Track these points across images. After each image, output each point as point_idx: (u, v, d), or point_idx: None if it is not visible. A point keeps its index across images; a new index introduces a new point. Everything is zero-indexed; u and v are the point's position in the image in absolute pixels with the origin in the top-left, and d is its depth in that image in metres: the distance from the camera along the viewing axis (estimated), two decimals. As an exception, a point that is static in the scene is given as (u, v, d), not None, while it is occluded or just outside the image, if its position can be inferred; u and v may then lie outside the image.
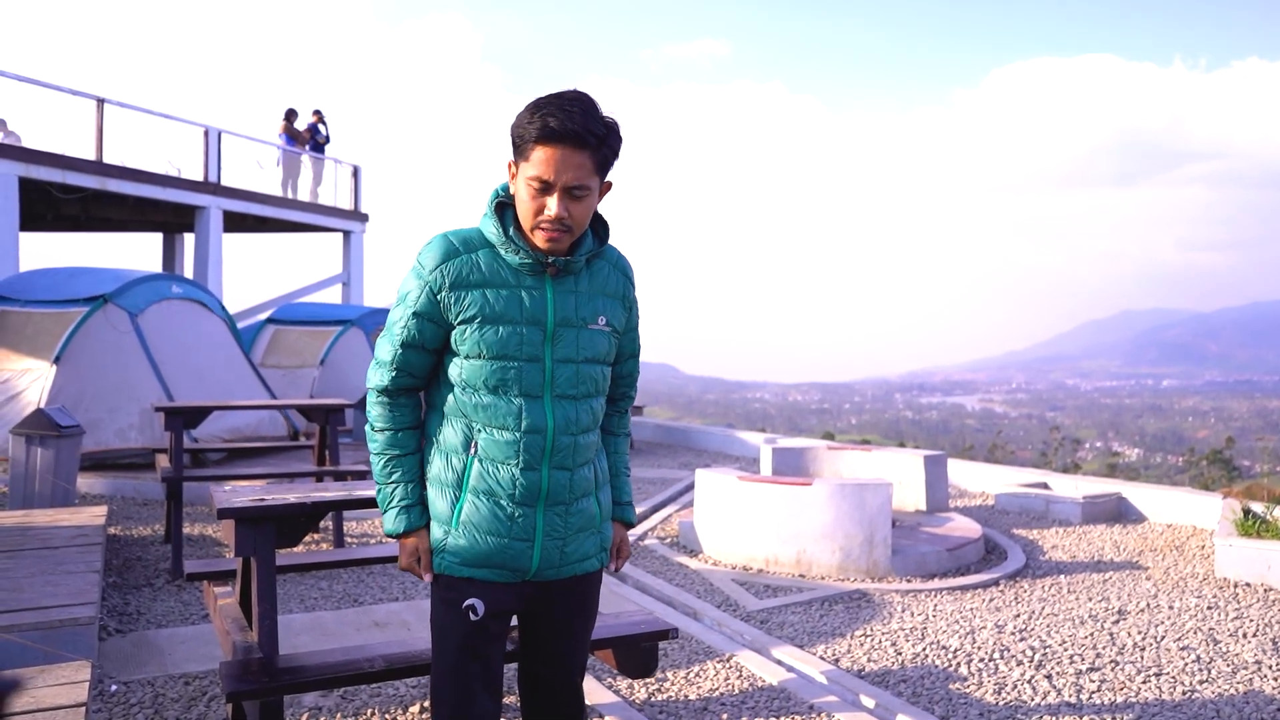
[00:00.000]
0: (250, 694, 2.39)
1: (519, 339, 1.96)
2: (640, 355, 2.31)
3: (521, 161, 1.92)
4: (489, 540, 2.01)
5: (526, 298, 1.98)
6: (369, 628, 4.63)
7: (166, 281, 9.83)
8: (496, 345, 1.96)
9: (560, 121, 1.85)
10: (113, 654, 4.13)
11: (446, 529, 2.03)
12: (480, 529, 2.01)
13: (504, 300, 1.96)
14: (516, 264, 1.98)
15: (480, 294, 1.96)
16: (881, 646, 4.41)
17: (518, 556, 2.02)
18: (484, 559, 2.02)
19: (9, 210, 12.15)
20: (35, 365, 8.61)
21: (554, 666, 2.17)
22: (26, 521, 5.51)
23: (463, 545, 2.01)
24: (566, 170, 1.86)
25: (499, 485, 2.00)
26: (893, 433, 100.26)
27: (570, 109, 1.86)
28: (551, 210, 1.89)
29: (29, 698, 2.69)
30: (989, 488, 8.70)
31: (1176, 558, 6.27)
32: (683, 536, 6.50)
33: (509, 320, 1.96)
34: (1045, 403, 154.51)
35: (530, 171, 1.89)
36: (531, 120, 1.88)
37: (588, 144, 1.87)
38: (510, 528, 2.01)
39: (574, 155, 1.86)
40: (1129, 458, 75.03)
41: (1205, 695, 3.85)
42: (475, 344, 1.96)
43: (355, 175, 19.21)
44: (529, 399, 1.99)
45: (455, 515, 2.02)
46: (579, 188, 1.89)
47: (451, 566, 2.03)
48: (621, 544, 2.30)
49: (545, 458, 2.00)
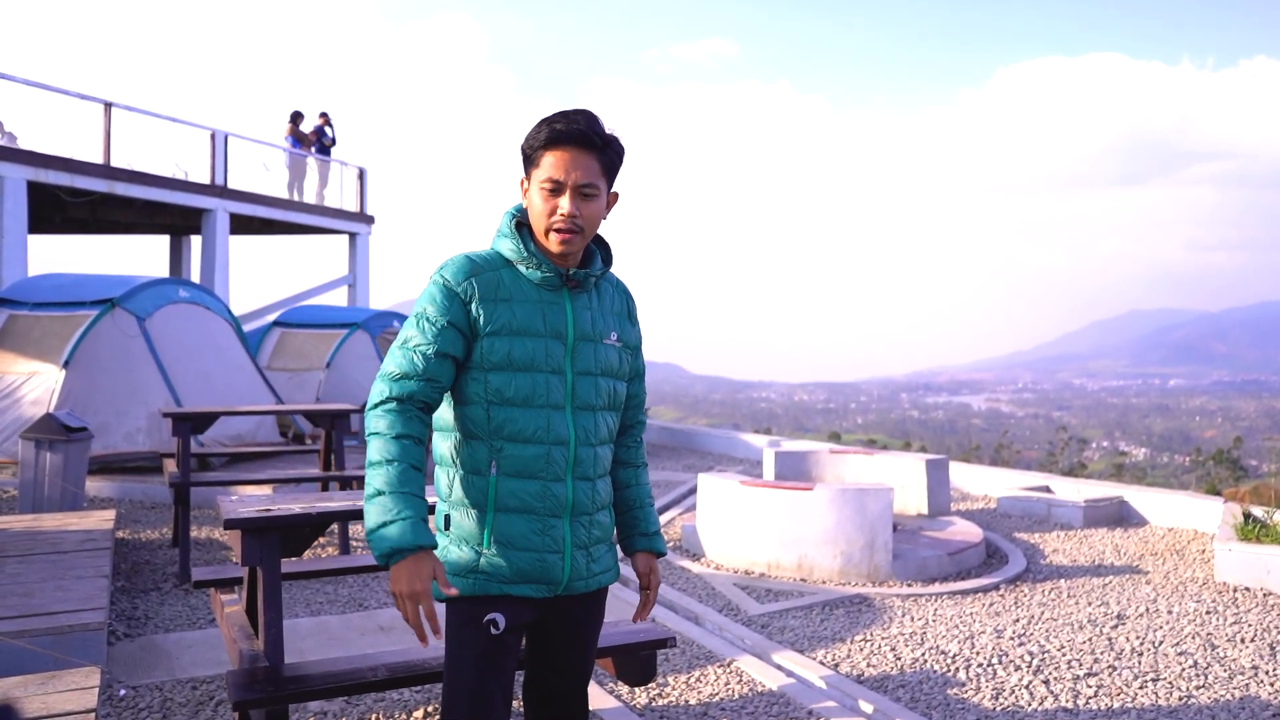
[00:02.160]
0: (256, 703, 2.44)
1: (545, 351, 2.04)
2: (643, 375, 2.36)
3: (533, 170, 2.04)
4: (525, 556, 2.03)
5: (548, 312, 2.06)
6: (374, 632, 4.68)
7: (173, 286, 9.90)
8: (525, 357, 2.02)
9: (566, 125, 1.99)
10: (121, 658, 4.18)
11: (478, 549, 2.03)
12: (515, 544, 2.02)
13: (528, 313, 2.04)
14: (538, 279, 2.06)
15: (508, 307, 2.03)
16: (881, 651, 4.45)
17: (550, 569, 2.05)
18: (521, 575, 2.03)
19: (18, 214, 12.24)
20: (44, 369, 8.68)
21: (565, 676, 2.21)
22: (36, 526, 5.57)
23: (499, 563, 2.02)
24: (576, 169, 1.99)
25: (531, 499, 2.03)
26: (899, 432, 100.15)
27: (575, 116, 2.02)
28: (564, 209, 1.99)
29: (39, 703, 2.74)
30: (991, 491, 8.73)
31: (1177, 562, 6.30)
32: (685, 540, 6.54)
33: (534, 333, 2.04)
34: (1052, 402, 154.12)
35: (542, 175, 2.01)
36: (539, 131, 2.02)
37: (594, 145, 2.01)
38: (543, 540, 2.04)
39: (582, 156, 2.00)
40: (1136, 457, 74.87)
41: (1201, 700, 3.88)
42: (505, 356, 2.01)
43: (361, 177, 19.28)
44: (554, 410, 2.04)
45: (486, 534, 2.03)
46: (589, 186, 2.01)
47: (486, 585, 2.03)
48: (651, 573, 2.30)
49: (569, 469, 2.06)
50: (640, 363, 2.32)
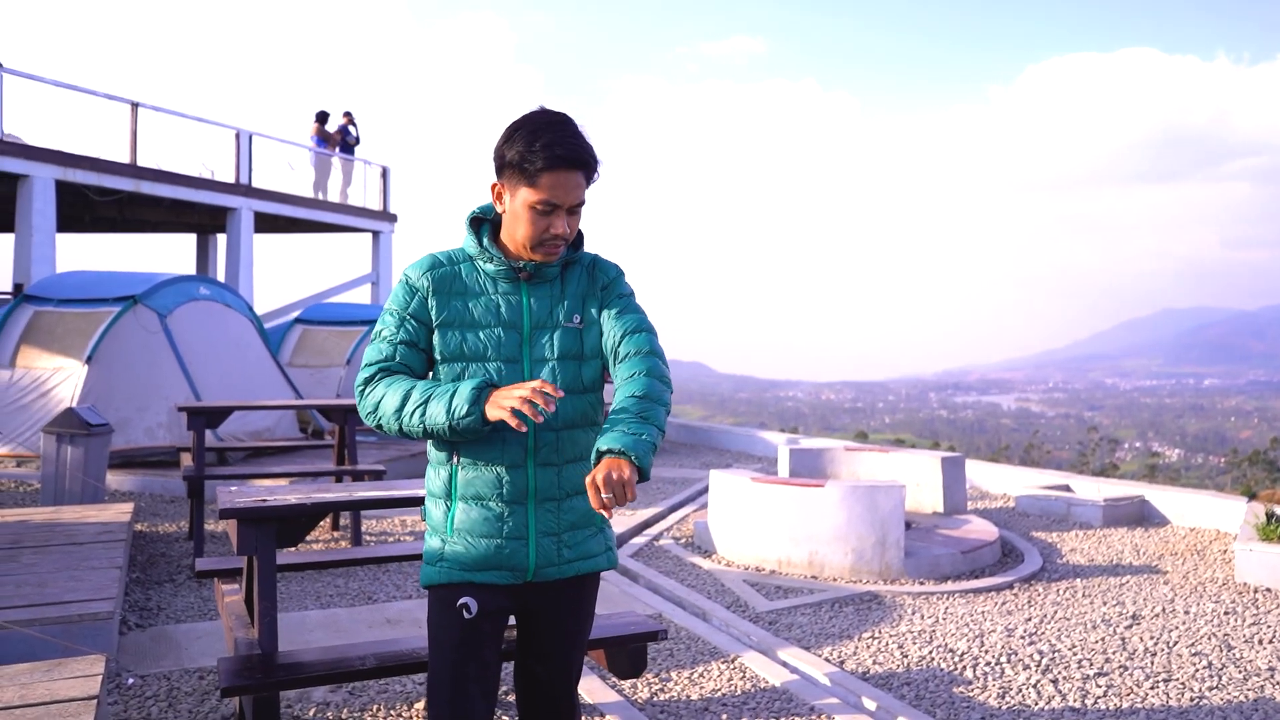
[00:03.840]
0: (243, 689, 2.46)
1: (497, 340, 2.08)
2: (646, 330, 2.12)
3: (523, 186, 2.02)
4: (483, 543, 2.06)
5: (503, 304, 2.10)
6: (381, 625, 4.71)
7: (194, 283, 10.02)
8: (477, 348, 2.08)
9: (568, 150, 1.98)
10: (131, 648, 4.23)
11: (443, 537, 2.11)
12: (473, 533, 2.07)
13: (482, 307, 2.10)
14: (493, 272, 2.12)
15: (462, 300, 2.10)
16: (888, 649, 4.41)
17: (513, 556, 2.07)
18: (481, 562, 2.07)
19: (46, 213, 12.44)
20: (67, 364, 8.82)
21: (550, 665, 2.21)
22: (55, 518, 5.66)
23: (459, 551, 2.08)
24: (572, 191, 2.02)
25: (486, 487, 2.06)
26: (927, 432, 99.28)
27: (570, 137, 2.00)
28: (559, 229, 2.04)
29: (43, 689, 2.79)
30: (1010, 490, 8.63)
31: (1197, 562, 6.20)
32: (697, 537, 6.52)
33: (487, 325, 2.09)
34: (1083, 402, 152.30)
35: (538, 196, 2.01)
36: (534, 149, 1.98)
37: (588, 165, 2.04)
38: (501, 528, 2.06)
39: (575, 176, 2.02)
40: (1169, 458, 73.70)
41: (1213, 701, 3.81)
42: (458, 347, 2.08)
43: (384, 176, 19.41)
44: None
45: (449, 523, 2.09)
46: (579, 205, 2.07)
47: (450, 573, 2.09)
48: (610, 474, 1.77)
49: (530, 455, 2.07)
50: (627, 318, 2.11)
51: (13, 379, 8.93)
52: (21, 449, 8.61)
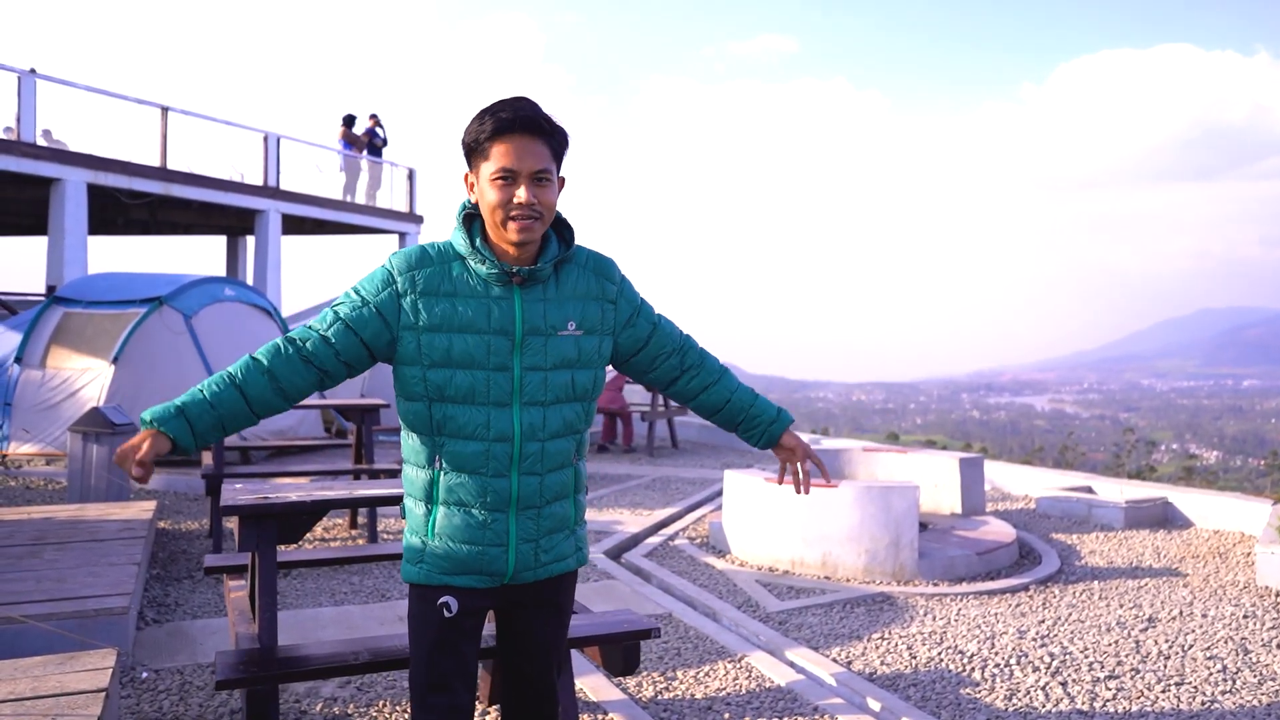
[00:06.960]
0: (238, 683, 2.50)
1: (486, 348, 2.01)
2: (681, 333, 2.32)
3: (482, 163, 2.00)
4: (464, 548, 2.07)
5: (495, 308, 2.03)
6: (393, 622, 4.76)
7: (219, 284, 10.17)
8: (465, 354, 2.01)
9: (513, 113, 1.97)
10: (147, 643, 4.31)
11: (423, 538, 2.10)
12: (455, 538, 2.07)
13: (472, 310, 2.02)
14: (484, 274, 2.03)
15: (449, 303, 2.02)
16: (897, 650, 4.39)
17: (493, 561, 2.08)
18: (461, 566, 2.08)
19: (78, 215, 12.68)
20: (95, 364, 8.99)
21: (530, 662, 2.23)
22: (79, 515, 5.77)
23: (440, 554, 2.08)
24: (528, 157, 1.97)
25: (469, 495, 2.05)
26: (959, 433, 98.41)
27: (518, 103, 1.99)
28: (522, 196, 1.96)
29: (55, 682, 2.85)
30: (1032, 491, 8.54)
31: (1218, 564, 6.10)
32: (712, 537, 6.52)
33: (477, 330, 2.01)
34: (1119, 403, 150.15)
35: (493, 167, 1.97)
36: (483, 123, 1.98)
37: (543, 130, 1.98)
38: (484, 534, 2.06)
39: (532, 143, 1.97)
40: (1207, 460, 72.48)
41: (1226, 706, 3.76)
42: (445, 352, 2.00)
43: (410, 178, 19.59)
44: (497, 407, 2.03)
45: (430, 525, 2.09)
46: (542, 172, 1.99)
47: (430, 575, 2.09)
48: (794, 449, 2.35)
49: (514, 464, 2.05)
50: (652, 325, 2.24)
51: (44, 379, 9.12)
52: (51, 448, 8.79)
